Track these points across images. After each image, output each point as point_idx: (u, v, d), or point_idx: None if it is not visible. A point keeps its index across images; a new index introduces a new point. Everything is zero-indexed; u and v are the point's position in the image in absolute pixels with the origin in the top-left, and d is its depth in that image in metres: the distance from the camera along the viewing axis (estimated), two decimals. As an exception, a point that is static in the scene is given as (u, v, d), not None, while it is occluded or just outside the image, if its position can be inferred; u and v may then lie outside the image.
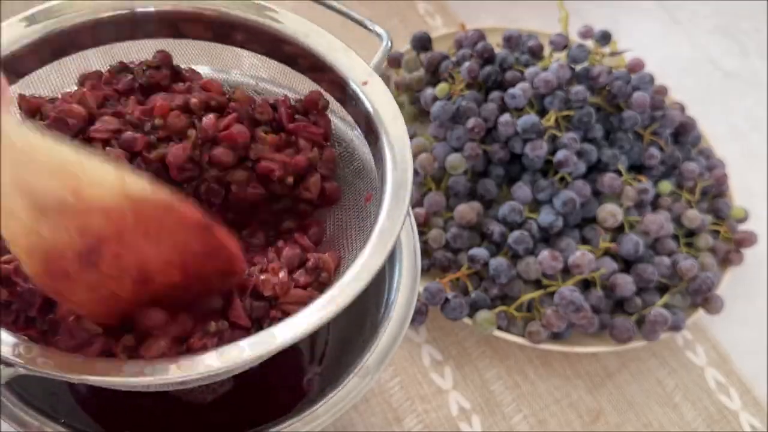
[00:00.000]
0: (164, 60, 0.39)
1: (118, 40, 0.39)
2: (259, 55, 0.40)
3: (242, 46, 0.40)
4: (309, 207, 0.39)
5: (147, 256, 0.31)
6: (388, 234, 0.33)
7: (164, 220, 0.31)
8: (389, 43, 0.40)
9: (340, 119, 0.41)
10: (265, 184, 0.38)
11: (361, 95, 0.38)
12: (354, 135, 0.40)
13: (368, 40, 0.41)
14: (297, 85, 0.42)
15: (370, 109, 0.37)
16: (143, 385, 0.32)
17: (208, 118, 0.38)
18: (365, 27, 0.41)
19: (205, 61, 0.42)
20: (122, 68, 0.39)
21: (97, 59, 0.39)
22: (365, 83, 0.38)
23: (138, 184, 0.30)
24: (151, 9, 0.38)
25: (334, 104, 0.40)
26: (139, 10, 0.38)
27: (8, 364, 0.28)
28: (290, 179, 0.38)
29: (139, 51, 0.40)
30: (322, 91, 0.40)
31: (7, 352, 0.28)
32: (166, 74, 0.39)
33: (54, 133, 0.34)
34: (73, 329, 0.31)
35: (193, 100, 0.38)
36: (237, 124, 0.38)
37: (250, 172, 0.38)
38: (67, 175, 0.28)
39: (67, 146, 0.28)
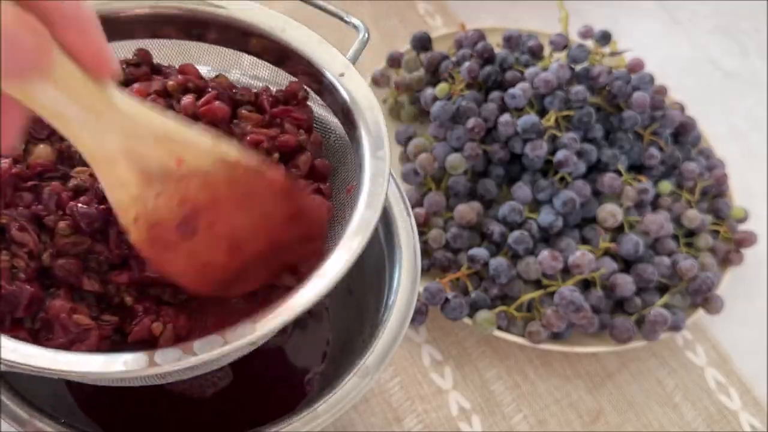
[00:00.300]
0: (143, 57, 0.39)
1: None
2: (239, 52, 0.41)
3: (216, 43, 0.40)
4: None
5: (238, 225, 0.32)
6: (367, 223, 0.33)
7: (254, 185, 0.32)
8: (366, 35, 0.40)
9: (321, 107, 0.41)
10: None
11: (338, 86, 0.38)
12: (336, 124, 0.40)
13: (349, 33, 0.42)
14: (280, 80, 0.41)
15: (347, 99, 0.37)
16: (147, 373, 0.32)
17: (187, 98, 0.38)
18: (342, 19, 0.41)
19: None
20: None
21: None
22: (342, 75, 0.38)
23: (231, 149, 0.31)
24: (129, 12, 0.38)
25: (315, 97, 0.40)
26: (121, 13, 0.38)
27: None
28: (276, 155, 0.38)
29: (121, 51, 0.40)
30: (301, 83, 0.40)
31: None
32: (146, 71, 0.39)
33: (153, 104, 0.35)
34: (66, 325, 0.31)
35: (170, 83, 0.38)
36: (216, 101, 0.38)
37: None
38: (170, 142, 0.29)
39: (167, 115, 0.29)
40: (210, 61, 0.42)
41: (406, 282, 0.41)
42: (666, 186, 0.61)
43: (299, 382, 0.49)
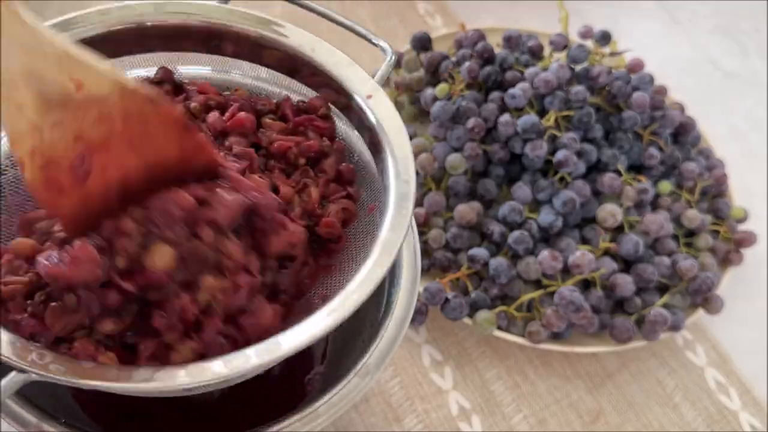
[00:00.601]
0: (166, 75, 0.40)
1: (131, 53, 0.40)
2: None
3: (250, 60, 0.41)
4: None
5: (131, 168, 0.32)
6: (391, 246, 0.33)
7: (149, 118, 0.32)
8: (393, 57, 0.41)
9: (345, 126, 0.41)
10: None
11: (365, 109, 0.38)
12: (358, 144, 0.41)
13: (368, 48, 0.42)
14: (296, 86, 0.42)
15: (374, 122, 0.38)
16: (152, 391, 0.33)
17: (212, 115, 0.38)
18: (370, 41, 0.42)
19: (205, 60, 0.42)
20: None
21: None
22: (370, 97, 0.39)
23: (129, 78, 0.31)
24: (155, 23, 0.39)
25: (338, 114, 0.41)
26: (149, 23, 0.39)
27: (21, 371, 0.29)
28: (302, 160, 0.38)
29: (143, 63, 0.41)
30: (324, 100, 0.41)
31: (20, 358, 0.29)
32: (169, 89, 0.40)
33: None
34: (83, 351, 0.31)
35: (193, 104, 0.38)
36: (241, 112, 0.38)
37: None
38: (71, 63, 0.28)
39: (68, 38, 0.29)
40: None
41: (406, 282, 0.41)
42: (666, 186, 0.61)
43: (299, 382, 0.49)
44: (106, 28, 0.38)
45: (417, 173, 0.59)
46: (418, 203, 0.59)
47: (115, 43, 0.38)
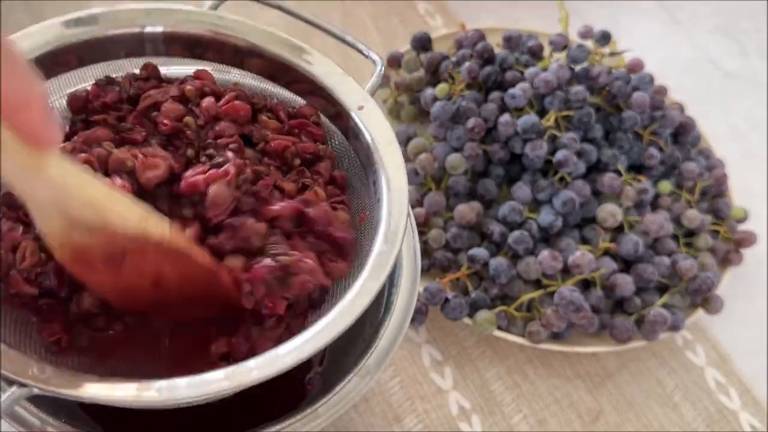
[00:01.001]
0: (152, 72, 0.40)
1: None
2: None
3: (245, 68, 0.41)
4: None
5: (165, 272, 0.33)
6: (385, 258, 0.33)
7: (179, 260, 0.33)
8: (383, 68, 0.41)
9: (333, 136, 0.41)
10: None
11: (356, 119, 0.39)
12: (348, 154, 0.41)
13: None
14: (289, 96, 0.42)
15: (367, 135, 0.38)
16: (153, 403, 0.33)
17: (207, 100, 0.38)
18: (360, 52, 0.42)
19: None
20: (108, 81, 0.39)
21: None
22: (361, 108, 0.39)
23: (159, 227, 0.32)
24: (160, 29, 0.39)
25: (327, 124, 0.41)
26: (148, 30, 0.39)
27: (22, 385, 0.29)
28: (298, 161, 0.38)
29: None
30: (314, 108, 0.41)
31: (21, 373, 0.29)
32: (155, 85, 0.39)
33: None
34: None
35: (188, 87, 0.38)
36: (237, 101, 0.38)
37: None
38: (97, 209, 0.30)
39: (99, 181, 0.31)
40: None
41: (406, 282, 0.41)
42: (666, 186, 0.61)
43: (299, 382, 0.49)
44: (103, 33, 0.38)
45: (417, 173, 0.60)
46: (418, 203, 0.59)
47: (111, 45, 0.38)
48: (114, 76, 0.39)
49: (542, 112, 0.58)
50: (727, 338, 0.61)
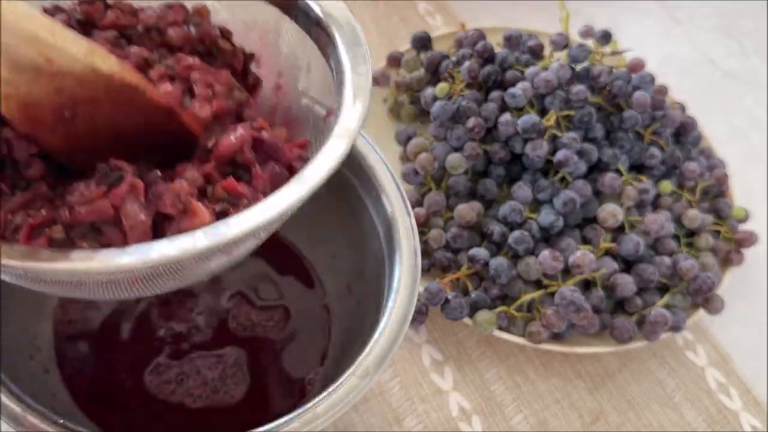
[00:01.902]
0: None
1: None
2: None
3: None
4: None
5: (118, 121, 0.32)
6: (362, 90, 0.32)
7: (131, 97, 0.32)
8: None
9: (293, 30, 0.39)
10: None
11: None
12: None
13: None
14: None
15: (320, 13, 0.36)
16: (91, 273, 0.29)
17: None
18: None
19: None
20: (56, 9, 0.37)
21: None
22: None
23: (107, 62, 0.31)
24: None
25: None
26: None
27: None
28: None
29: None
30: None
31: None
32: (99, 7, 0.37)
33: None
34: None
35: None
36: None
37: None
38: (39, 43, 0.29)
39: (40, 15, 0.29)
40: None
41: (406, 282, 0.41)
42: (667, 186, 0.61)
43: (299, 382, 0.49)
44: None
45: (417, 173, 0.60)
46: (418, 203, 0.59)
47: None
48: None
49: (543, 112, 0.58)
50: (728, 338, 0.61)
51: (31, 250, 0.28)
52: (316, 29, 0.37)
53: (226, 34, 0.38)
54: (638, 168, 0.62)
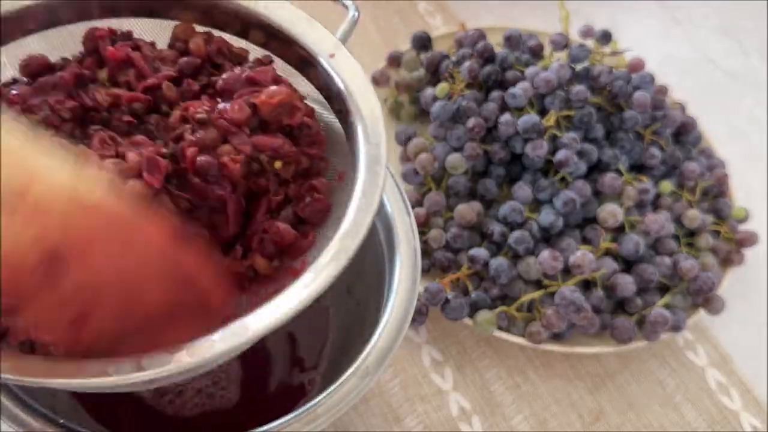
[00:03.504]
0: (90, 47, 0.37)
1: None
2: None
3: (198, 23, 0.38)
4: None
5: (112, 277, 0.26)
6: (364, 213, 0.32)
7: (127, 234, 0.27)
8: (356, 14, 0.39)
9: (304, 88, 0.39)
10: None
11: (328, 69, 0.36)
12: (323, 108, 0.38)
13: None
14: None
15: (340, 84, 0.36)
16: (108, 386, 0.29)
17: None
18: None
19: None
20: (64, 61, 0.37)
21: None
22: (332, 56, 0.36)
23: (94, 190, 0.26)
24: None
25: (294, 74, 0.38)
26: None
27: None
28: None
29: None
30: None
31: None
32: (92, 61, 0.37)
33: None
34: None
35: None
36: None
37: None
38: (16, 167, 0.24)
39: (25, 136, 0.25)
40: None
41: (406, 282, 0.41)
42: (667, 186, 0.61)
43: (299, 382, 0.49)
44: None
45: (417, 173, 0.59)
46: (418, 203, 0.59)
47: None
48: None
49: (543, 112, 0.58)
50: (728, 338, 0.61)
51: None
52: (333, 98, 0.37)
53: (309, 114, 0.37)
54: (638, 168, 0.62)
